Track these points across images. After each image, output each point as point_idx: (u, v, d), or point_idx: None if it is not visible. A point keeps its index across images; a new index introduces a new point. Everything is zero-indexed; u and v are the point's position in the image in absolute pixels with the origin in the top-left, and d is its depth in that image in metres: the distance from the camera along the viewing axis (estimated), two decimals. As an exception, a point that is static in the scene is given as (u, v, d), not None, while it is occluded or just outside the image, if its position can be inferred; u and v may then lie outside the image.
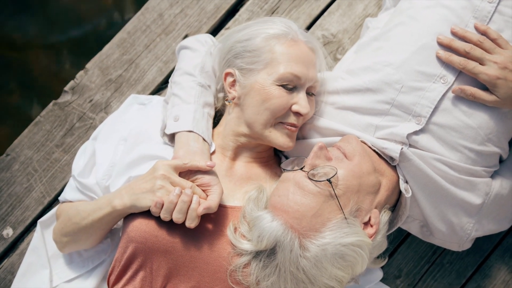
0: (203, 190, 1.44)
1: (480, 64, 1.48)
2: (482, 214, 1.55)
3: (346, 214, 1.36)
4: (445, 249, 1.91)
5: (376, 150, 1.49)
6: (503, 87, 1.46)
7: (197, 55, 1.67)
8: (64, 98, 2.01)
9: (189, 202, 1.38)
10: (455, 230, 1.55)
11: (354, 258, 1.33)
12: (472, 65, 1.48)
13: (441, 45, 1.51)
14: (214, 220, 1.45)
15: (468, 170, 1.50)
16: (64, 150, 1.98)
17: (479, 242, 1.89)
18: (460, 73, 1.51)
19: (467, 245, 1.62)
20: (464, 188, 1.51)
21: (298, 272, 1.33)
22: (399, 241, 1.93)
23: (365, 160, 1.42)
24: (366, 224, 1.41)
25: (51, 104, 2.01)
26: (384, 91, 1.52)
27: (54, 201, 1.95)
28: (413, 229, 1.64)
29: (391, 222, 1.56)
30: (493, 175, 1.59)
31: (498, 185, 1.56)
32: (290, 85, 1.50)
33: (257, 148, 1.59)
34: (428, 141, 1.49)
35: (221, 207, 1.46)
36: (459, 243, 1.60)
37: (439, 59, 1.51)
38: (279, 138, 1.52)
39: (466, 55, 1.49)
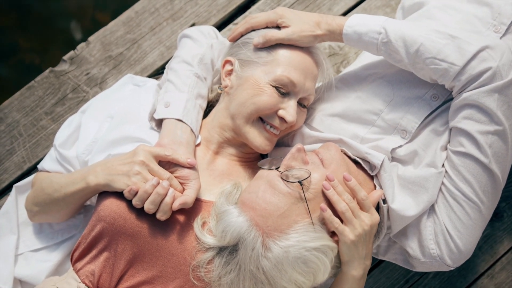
0: (181, 183, 1.42)
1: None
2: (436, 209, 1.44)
3: (313, 219, 1.33)
4: (418, 279, 1.88)
5: (357, 159, 1.46)
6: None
7: (198, 45, 1.64)
8: (61, 67, 1.99)
9: (163, 195, 1.35)
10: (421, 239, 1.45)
11: (316, 265, 1.31)
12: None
13: None
14: (186, 212, 1.42)
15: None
16: (52, 118, 1.95)
17: (452, 280, 1.86)
18: (450, 93, 1.47)
19: (454, 257, 1.43)
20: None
21: (257, 271, 1.30)
22: (373, 264, 1.91)
23: (342, 169, 1.39)
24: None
25: (47, 70, 1.99)
26: (373, 102, 1.50)
27: (34, 168, 1.93)
28: (399, 259, 1.56)
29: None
30: None
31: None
32: (283, 89, 1.47)
33: (242, 147, 1.57)
34: (410, 156, 1.46)
35: (196, 201, 1.43)
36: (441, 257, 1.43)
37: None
38: (256, 138, 1.49)
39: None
